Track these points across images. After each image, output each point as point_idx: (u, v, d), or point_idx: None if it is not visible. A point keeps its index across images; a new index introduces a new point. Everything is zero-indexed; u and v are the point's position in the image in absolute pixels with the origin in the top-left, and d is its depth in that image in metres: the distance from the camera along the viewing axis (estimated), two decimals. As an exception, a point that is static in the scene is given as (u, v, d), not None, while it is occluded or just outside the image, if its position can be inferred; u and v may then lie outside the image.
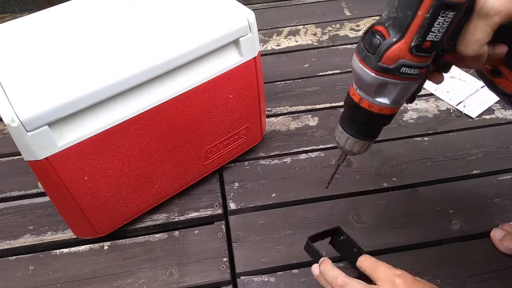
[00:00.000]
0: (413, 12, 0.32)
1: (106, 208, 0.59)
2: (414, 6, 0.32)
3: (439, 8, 0.31)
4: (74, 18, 0.60)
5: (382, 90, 0.38)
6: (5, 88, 0.48)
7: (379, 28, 0.35)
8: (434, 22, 0.32)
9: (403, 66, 0.35)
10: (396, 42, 0.34)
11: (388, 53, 0.34)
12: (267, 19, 1.11)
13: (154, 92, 0.55)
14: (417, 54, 0.34)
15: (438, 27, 0.33)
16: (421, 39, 0.33)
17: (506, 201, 0.66)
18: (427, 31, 0.33)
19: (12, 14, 1.39)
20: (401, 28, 0.33)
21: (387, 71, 0.35)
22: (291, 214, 0.67)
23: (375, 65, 0.35)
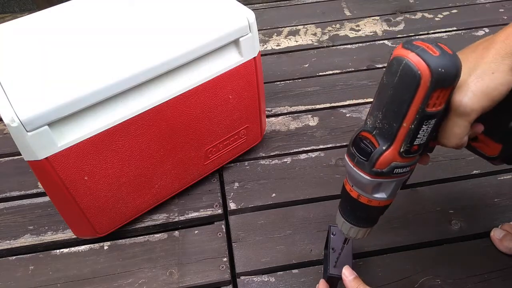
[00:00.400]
0: (398, 124, 0.34)
1: (106, 208, 0.59)
2: (399, 119, 0.34)
3: (422, 119, 0.33)
4: (74, 18, 0.60)
5: (378, 188, 0.40)
6: (5, 88, 0.48)
7: (367, 135, 0.37)
8: (419, 130, 0.34)
9: (395, 168, 0.37)
10: (386, 150, 0.36)
11: (380, 160, 0.36)
12: (267, 19, 1.11)
13: (154, 92, 0.55)
14: (407, 156, 0.36)
15: (422, 133, 0.35)
16: (409, 145, 0.35)
17: (506, 201, 0.66)
18: (414, 138, 0.35)
19: (12, 14, 1.39)
20: (389, 137, 0.35)
21: (381, 174, 0.37)
22: (291, 214, 0.67)
23: (369, 170, 0.37)
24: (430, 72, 0.31)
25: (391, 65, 0.33)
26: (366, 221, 0.45)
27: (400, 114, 0.34)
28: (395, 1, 1.14)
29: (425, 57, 0.31)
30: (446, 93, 0.33)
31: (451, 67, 0.31)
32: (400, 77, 0.32)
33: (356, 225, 0.45)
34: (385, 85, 0.34)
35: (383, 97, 0.34)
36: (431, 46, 0.32)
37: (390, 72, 0.33)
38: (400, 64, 0.32)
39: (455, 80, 0.33)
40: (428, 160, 0.42)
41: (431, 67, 0.31)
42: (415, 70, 0.31)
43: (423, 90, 0.32)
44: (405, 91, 0.32)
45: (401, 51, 0.32)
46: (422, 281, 0.57)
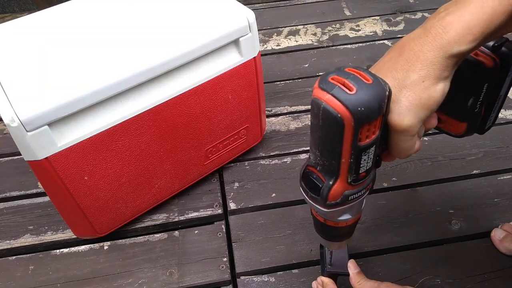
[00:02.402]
0: (337, 161, 0.33)
1: (106, 208, 0.59)
2: (336, 157, 0.33)
3: (359, 153, 0.32)
4: (74, 18, 0.60)
5: (340, 214, 0.40)
6: (5, 88, 0.48)
7: (313, 170, 0.36)
8: (360, 161, 0.33)
9: (349, 195, 0.36)
10: (334, 184, 0.35)
11: (331, 194, 0.35)
12: (267, 19, 1.11)
13: (154, 92, 0.55)
14: (356, 183, 0.35)
15: (365, 162, 0.34)
16: (355, 175, 0.34)
17: (506, 201, 0.66)
18: (357, 168, 0.34)
19: (12, 14, 1.39)
20: (333, 173, 0.35)
21: (337, 204, 0.37)
22: (291, 214, 0.67)
23: (324, 204, 0.37)
24: (350, 114, 0.29)
25: (312, 107, 0.32)
26: (340, 237, 0.45)
27: (336, 152, 0.32)
28: (395, 1, 1.14)
29: (341, 98, 0.29)
30: (376, 123, 0.31)
31: (371, 102, 0.29)
32: (323, 120, 0.31)
33: (333, 240, 0.45)
34: (313, 126, 0.33)
35: (315, 137, 0.34)
36: (347, 82, 0.30)
37: (313, 114, 0.32)
38: (319, 108, 0.30)
39: (380, 111, 0.31)
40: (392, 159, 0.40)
41: (350, 108, 0.29)
42: (334, 114, 0.30)
43: (349, 130, 0.30)
44: (332, 133, 0.31)
45: (318, 93, 0.31)
46: (422, 281, 0.57)
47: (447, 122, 0.42)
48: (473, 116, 0.41)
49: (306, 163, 0.37)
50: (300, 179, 0.39)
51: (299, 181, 0.39)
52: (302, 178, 0.38)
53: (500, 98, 0.41)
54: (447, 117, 0.42)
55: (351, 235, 0.46)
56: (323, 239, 0.46)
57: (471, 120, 0.41)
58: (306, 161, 0.38)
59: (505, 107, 0.82)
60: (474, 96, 0.39)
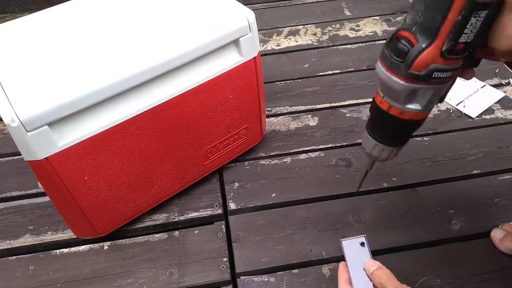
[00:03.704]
0: (443, 15, 0.30)
1: (106, 208, 0.59)
2: (444, 10, 0.30)
3: (471, 9, 0.30)
4: (74, 18, 0.60)
5: (413, 97, 0.36)
6: (5, 88, 0.48)
7: (405, 33, 0.33)
8: (467, 24, 0.30)
9: (435, 71, 0.33)
10: (427, 48, 0.32)
11: (418, 60, 0.32)
12: (267, 19, 1.11)
13: (154, 92, 0.55)
14: (450, 57, 0.32)
15: (470, 28, 0.31)
16: (453, 42, 0.31)
17: (506, 201, 0.66)
18: (459, 34, 0.31)
19: (12, 14, 1.39)
20: (431, 32, 0.31)
21: (418, 78, 0.33)
22: (291, 214, 0.67)
23: (405, 73, 0.33)
24: None
25: None
26: (394, 139, 0.40)
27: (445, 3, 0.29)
28: (395, 1, 1.14)
29: None
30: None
31: None
32: None
33: (382, 143, 0.40)
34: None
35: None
36: None
37: None
38: None
39: None
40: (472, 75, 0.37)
41: None
42: None
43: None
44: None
45: None
46: (422, 281, 0.57)
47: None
48: None
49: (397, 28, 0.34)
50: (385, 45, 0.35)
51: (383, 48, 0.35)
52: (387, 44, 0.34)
53: None
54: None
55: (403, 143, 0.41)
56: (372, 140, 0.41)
57: None
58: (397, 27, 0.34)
59: (505, 107, 0.82)
60: None
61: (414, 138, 0.77)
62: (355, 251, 0.52)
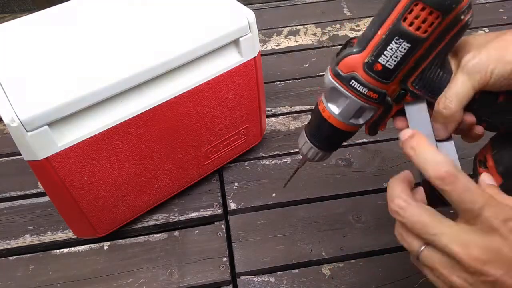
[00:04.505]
0: (374, 30, 0.34)
1: (106, 208, 0.59)
2: (377, 26, 0.34)
3: (394, 33, 0.33)
4: (74, 18, 0.60)
5: (335, 98, 0.38)
6: (5, 88, 0.48)
7: (354, 40, 0.37)
8: (388, 45, 0.33)
9: (353, 78, 0.36)
10: (355, 53, 0.35)
11: (345, 60, 0.36)
12: (267, 19, 1.11)
13: (154, 92, 0.55)
14: (368, 72, 0.35)
15: (391, 53, 0.34)
16: (373, 58, 0.34)
17: (506, 201, 0.66)
18: (380, 53, 0.34)
19: (12, 14, 1.39)
20: (364, 42, 0.35)
21: (339, 76, 0.36)
22: (291, 214, 0.67)
23: (333, 68, 0.37)
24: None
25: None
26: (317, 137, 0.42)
27: (381, 19, 0.33)
28: (395, 1, 1.14)
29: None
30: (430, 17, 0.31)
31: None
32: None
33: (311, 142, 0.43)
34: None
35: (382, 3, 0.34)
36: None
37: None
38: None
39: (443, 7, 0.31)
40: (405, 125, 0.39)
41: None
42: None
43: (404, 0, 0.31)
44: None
45: None
46: (422, 281, 0.57)
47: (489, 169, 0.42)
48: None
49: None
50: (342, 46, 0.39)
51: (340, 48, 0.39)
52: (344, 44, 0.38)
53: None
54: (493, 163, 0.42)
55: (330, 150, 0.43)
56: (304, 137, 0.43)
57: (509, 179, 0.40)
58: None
59: (505, 107, 0.82)
60: None
61: (414, 138, 0.77)
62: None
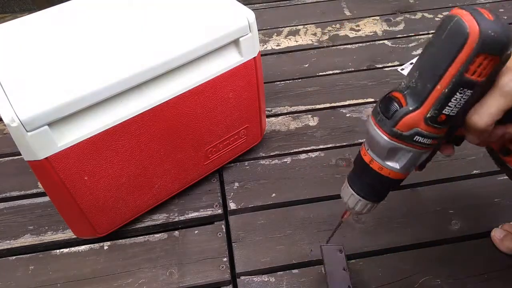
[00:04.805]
0: (432, 85, 0.33)
1: (106, 208, 0.59)
2: (434, 80, 0.33)
3: (458, 85, 0.32)
4: (74, 18, 0.60)
5: (393, 155, 0.38)
6: (5, 88, 0.48)
7: (397, 95, 0.36)
8: (452, 97, 0.33)
9: (417, 134, 0.35)
10: (413, 111, 0.34)
11: (404, 120, 0.35)
12: (267, 19, 1.11)
13: (154, 92, 0.55)
14: (432, 125, 0.35)
15: (455, 103, 0.33)
16: (437, 111, 0.34)
17: (506, 201, 0.66)
18: (444, 105, 0.33)
19: (12, 14, 1.39)
20: (419, 98, 0.34)
21: (400, 137, 0.36)
22: (291, 214, 0.67)
23: (389, 129, 0.36)
24: (479, 32, 0.30)
25: (442, 22, 0.32)
26: (370, 192, 0.42)
27: (437, 74, 0.32)
28: (395, 1, 1.14)
29: (478, 17, 0.30)
30: (490, 63, 0.31)
31: (502, 33, 0.30)
32: (448, 33, 0.31)
33: (358, 194, 0.43)
34: (430, 43, 0.33)
35: (425, 55, 0.33)
36: (487, 12, 0.31)
37: (440, 29, 0.32)
38: (452, 20, 0.31)
39: (503, 51, 0.31)
40: (452, 152, 0.40)
41: (481, 28, 0.30)
42: (464, 27, 0.30)
43: (468, 50, 0.31)
44: (449, 48, 0.31)
45: (456, 11, 0.32)
46: (422, 281, 0.57)
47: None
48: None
49: (392, 89, 0.37)
50: (378, 102, 0.37)
51: (376, 105, 0.38)
52: (381, 101, 0.37)
53: None
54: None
55: (380, 200, 0.43)
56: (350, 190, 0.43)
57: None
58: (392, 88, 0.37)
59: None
60: None
61: (414, 138, 0.77)
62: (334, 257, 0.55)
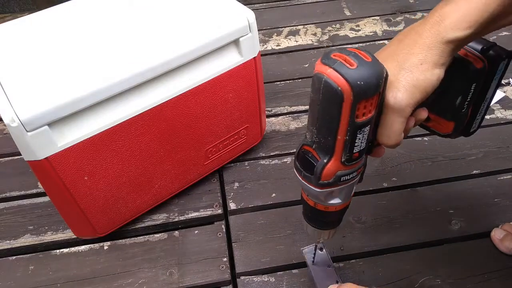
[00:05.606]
0: (333, 138, 0.34)
1: (106, 208, 0.59)
2: (332, 133, 0.34)
3: (354, 130, 0.34)
4: (74, 18, 0.60)
5: (331, 196, 0.40)
6: (5, 88, 0.48)
7: (309, 149, 0.38)
8: (355, 140, 0.34)
9: (341, 176, 0.37)
10: (328, 162, 0.36)
11: (324, 172, 0.37)
12: (267, 19, 1.11)
13: (154, 92, 0.55)
14: (350, 163, 0.36)
15: (359, 141, 0.35)
16: (348, 154, 0.35)
17: (506, 201, 0.66)
18: (352, 147, 0.35)
19: (12, 14, 1.39)
20: (328, 150, 0.36)
21: (329, 184, 0.38)
22: (291, 214, 0.67)
23: (316, 183, 0.38)
24: (350, 87, 0.31)
25: (313, 82, 0.33)
26: (327, 224, 0.46)
27: (332, 128, 0.34)
28: (395, 1, 1.14)
29: (342, 71, 0.31)
30: (373, 101, 0.33)
31: (370, 77, 0.31)
32: (324, 94, 0.32)
33: (320, 228, 0.46)
34: (313, 101, 0.34)
35: (314, 113, 0.35)
36: (348, 58, 0.31)
37: (314, 88, 0.33)
38: (321, 81, 0.32)
39: (378, 88, 0.32)
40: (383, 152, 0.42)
41: (350, 82, 0.31)
42: (335, 87, 0.31)
43: (348, 104, 0.32)
44: (331, 107, 0.33)
45: (320, 67, 0.32)
46: (422, 281, 0.57)
47: (435, 121, 0.44)
48: (460, 116, 0.43)
49: (302, 142, 0.38)
50: (295, 158, 0.39)
51: (294, 160, 0.40)
52: (297, 157, 0.39)
53: (486, 101, 0.42)
54: (435, 116, 0.43)
55: (338, 224, 0.46)
56: (310, 227, 0.46)
57: (458, 120, 0.43)
58: (302, 140, 0.38)
59: (505, 107, 0.82)
60: (462, 95, 0.41)
61: (414, 138, 0.77)
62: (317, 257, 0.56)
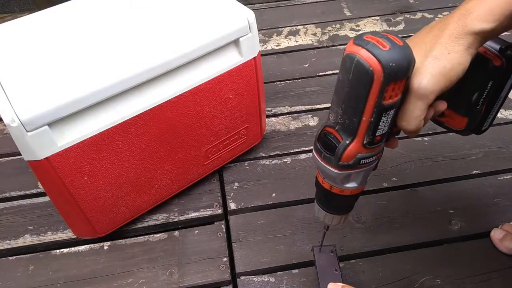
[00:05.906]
0: (358, 118, 0.35)
1: (106, 208, 0.59)
2: (358, 114, 0.34)
3: (380, 112, 0.34)
4: (74, 18, 0.60)
5: (348, 178, 0.41)
6: (5, 88, 0.48)
7: (331, 130, 0.38)
8: (379, 122, 0.35)
9: (361, 159, 0.38)
10: (350, 143, 0.37)
11: (345, 154, 0.37)
12: (267, 19, 1.11)
13: (154, 92, 0.55)
14: (371, 147, 0.37)
15: (383, 124, 0.35)
16: (371, 136, 0.36)
17: (506, 201, 0.66)
18: (375, 130, 0.35)
19: (12, 14, 1.39)
20: (351, 131, 0.36)
21: (348, 166, 0.38)
22: (291, 214, 0.67)
23: (336, 164, 0.38)
24: (381, 68, 0.31)
25: (344, 62, 0.34)
26: (341, 208, 0.46)
27: (359, 109, 0.34)
28: (395, 1, 1.14)
29: (375, 52, 0.31)
30: (401, 84, 0.33)
31: (401, 60, 0.32)
32: (354, 74, 0.33)
33: (331, 213, 0.46)
34: (341, 82, 0.35)
35: (341, 93, 0.35)
36: (381, 40, 0.32)
37: (344, 69, 0.34)
38: (352, 61, 0.32)
39: (408, 72, 0.33)
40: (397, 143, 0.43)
41: (382, 62, 0.31)
42: (367, 67, 0.31)
43: (377, 85, 0.32)
44: (360, 87, 0.33)
45: (352, 48, 0.33)
46: (422, 281, 0.57)
47: (449, 116, 0.44)
48: (474, 112, 0.43)
49: (324, 124, 0.39)
50: (316, 139, 0.40)
51: (314, 142, 0.40)
52: (318, 138, 0.39)
53: (500, 99, 0.43)
54: (450, 110, 0.43)
55: (350, 210, 0.47)
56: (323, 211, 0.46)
57: (472, 116, 0.43)
58: (324, 122, 0.39)
59: (505, 107, 0.82)
60: (479, 91, 0.41)
61: (414, 138, 0.77)
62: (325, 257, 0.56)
